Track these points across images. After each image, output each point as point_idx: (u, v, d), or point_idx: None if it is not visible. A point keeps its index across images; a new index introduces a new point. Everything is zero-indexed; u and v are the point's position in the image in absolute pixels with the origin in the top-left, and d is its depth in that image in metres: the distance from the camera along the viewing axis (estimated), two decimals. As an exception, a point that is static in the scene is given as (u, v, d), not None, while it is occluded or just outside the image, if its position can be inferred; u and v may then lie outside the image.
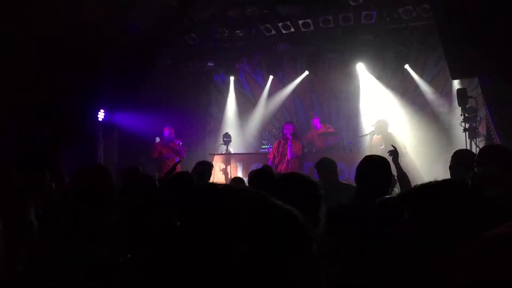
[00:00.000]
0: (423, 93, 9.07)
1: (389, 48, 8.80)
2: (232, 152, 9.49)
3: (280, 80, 10.46)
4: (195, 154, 9.59)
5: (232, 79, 10.58)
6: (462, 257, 0.86)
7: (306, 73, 10.08)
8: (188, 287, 0.68)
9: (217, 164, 8.61)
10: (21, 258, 1.99)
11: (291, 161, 7.46)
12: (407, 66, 9.20)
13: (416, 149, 8.21)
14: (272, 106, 10.49)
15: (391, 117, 8.50)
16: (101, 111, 8.44)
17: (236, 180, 4.83)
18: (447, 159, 3.79)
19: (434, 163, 7.69)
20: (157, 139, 10.02)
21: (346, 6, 7.71)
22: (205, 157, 8.78)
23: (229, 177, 8.57)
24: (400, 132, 8.30)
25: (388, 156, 3.64)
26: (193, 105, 10.08)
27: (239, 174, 8.34)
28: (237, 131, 10.42)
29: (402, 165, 3.80)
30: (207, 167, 4.89)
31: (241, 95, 10.68)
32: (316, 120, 9.12)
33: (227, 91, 10.64)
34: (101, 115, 8.44)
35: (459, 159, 3.58)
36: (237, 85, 10.67)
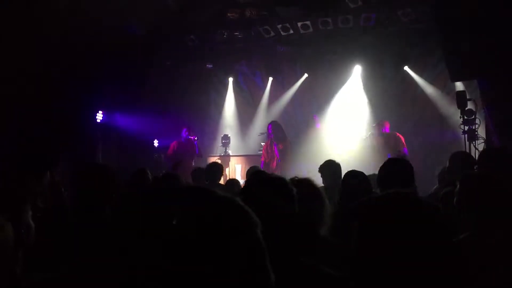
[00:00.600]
0: (425, 92, 8.96)
1: (388, 50, 8.79)
2: (230, 154, 9.47)
3: (279, 81, 10.45)
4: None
5: (231, 80, 10.56)
6: None
7: (305, 75, 10.10)
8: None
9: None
10: (19, 261, 1.97)
11: (280, 160, 7.45)
12: (406, 68, 9.19)
13: (415, 150, 8.16)
14: (271, 108, 10.49)
15: (391, 118, 8.45)
16: (100, 112, 8.43)
17: (231, 182, 4.88)
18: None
19: (437, 164, 7.62)
20: (156, 142, 10.01)
21: (345, 8, 7.72)
22: (203, 158, 8.79)
23: (227, 178, 8.55)
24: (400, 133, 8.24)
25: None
26: (192, 106, 10.06)
27: (238, 176, 8.32)
28: (236, 133, 10.40)
29: None
30: (217, 168, 5.31)
31: (240, 96, 10.65)
32: (315, 119, 9.18)
33: (226, 93, 10.62)
34: (99, 116, 8.42)
35: (456, 162, 3.57)
36: (236, 86, 10.64)
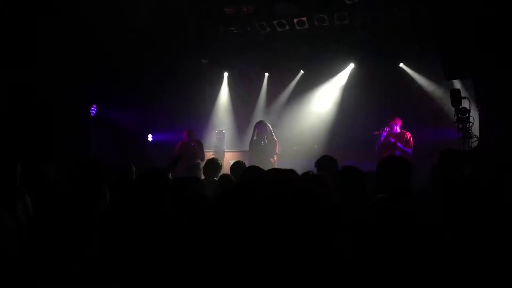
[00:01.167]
0: (421, 90, 8.96)
1: (384, 47, 8.79)
2: (225, 149, 9.45)
3: (275, 77, 10.44)
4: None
5: (226, 75, 10.53)
6: None
7: (301, 72, 10.11)
8: None
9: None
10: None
11: (270, 159, 7.42)
12: (402, 65, 9.19)
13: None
14: (267, 104, 10.50)
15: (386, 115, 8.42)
16: (93, 106, 8.40)
17: (223, 177, 4.89)
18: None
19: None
20: (150, 137, 9.97)
21: (342, 5, 7.70)
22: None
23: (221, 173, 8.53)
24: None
25: None
26: (187, 101, 10.01)
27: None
28: (231, 128, 10.38)
29: None
30: (214, 164, 5.43)
31: (235, 92, 10.62)
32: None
33: (221, 88, 10.59)
34: (93, 110, 8.39)
35: (445, 159, 3.58)
36: (231, 82, 10.62)
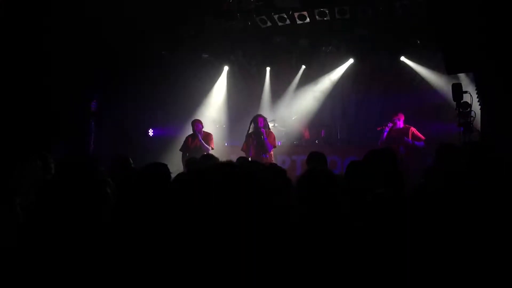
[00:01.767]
0: (422, 83, 8.93)
1: (385, 42, 8.75)
2: (226, 144, 9.47)
3: (275, 72, 10.41)
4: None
5: (227, 70, 10.48)
6: None
7: (303, 67, 10.08)
8: None
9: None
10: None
11: (269, 152, 7.38)
12: (403, 58, 9.14)
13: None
14: (269, 98, 10.48)
15: (388, 109, 8.41)
16: (94, 101, 8.39)
17: (205, 157, 4.97)
18: None
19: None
20: (150, 131, 9.96)
21: (343, -1, 7.67)
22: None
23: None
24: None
25: None
26: (187, 95, 9.99)
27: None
28: (230, 123, 10.35)
29: None
30: (207, 160, 4.96)
31: (235, 86, 10.58)
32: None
33: (221, 82, 10.55)
34: (93, 105, 8.38)
35: (442, 154, 3.56)
36: (231, 76, 10.57)
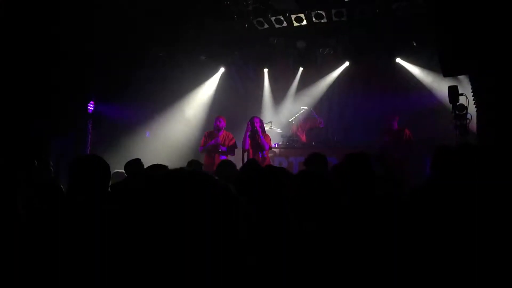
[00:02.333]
0: (418, 85, 8.97)
1: (381, 44, 8.79)
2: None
3: (272, 74, 10.43)
4: (186, 147, 9.56)
5: (224, 71, 10.48)
6: None
7: (301, 70, 10.11)
8: None
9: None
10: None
11: (266, 152, 7.46)
12: (398, 60, 9.18)
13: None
14: (265, 101, 10.49)
15: (385, 111, 8.43)
16: (91, 103, 8.38)
17: (192, 163, 4.96)
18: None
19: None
20: (147, 133, 9.94)
21: (340, 1, 7.69)
22: (193, 151, 8.79)
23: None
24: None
25: None
26: (184, 97, 10.00)
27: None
28: (228, 124, 10.31)
29: None
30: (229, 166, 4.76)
31: (231, 88, 10.58)
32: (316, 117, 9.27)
33: (218, 83, 10.54)
34: (90, 106, 8.37)
35: (438, 156, 3.58)
36: (228, 77, 10.58)
